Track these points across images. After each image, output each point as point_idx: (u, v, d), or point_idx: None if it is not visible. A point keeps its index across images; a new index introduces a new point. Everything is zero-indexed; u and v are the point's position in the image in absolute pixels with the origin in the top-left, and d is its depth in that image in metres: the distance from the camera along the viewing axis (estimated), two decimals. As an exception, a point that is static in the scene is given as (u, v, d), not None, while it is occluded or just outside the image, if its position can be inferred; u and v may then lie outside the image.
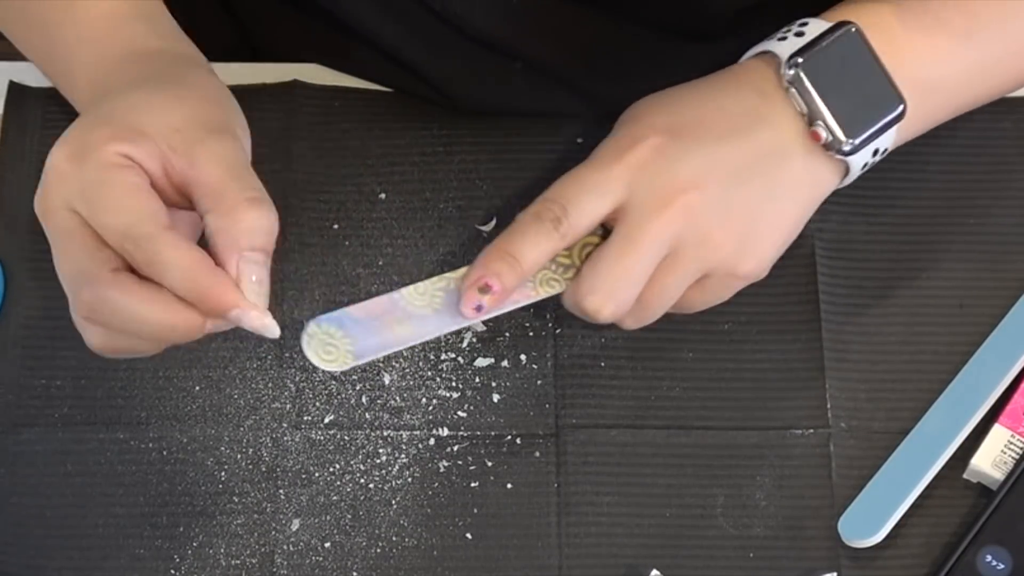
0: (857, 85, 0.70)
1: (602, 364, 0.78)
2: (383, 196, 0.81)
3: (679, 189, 0.68)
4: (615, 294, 0.68)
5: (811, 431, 0.76)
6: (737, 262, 0.70)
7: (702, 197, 0.68)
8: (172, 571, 0.74)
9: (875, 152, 0.72)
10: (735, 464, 0.76)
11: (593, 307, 0.68)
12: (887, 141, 0.72)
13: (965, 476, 0.75)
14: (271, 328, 0.63)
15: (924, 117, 0.74)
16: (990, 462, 0.74)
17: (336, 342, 0.67)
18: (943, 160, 0.82)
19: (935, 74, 0.73)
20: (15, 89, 0.83)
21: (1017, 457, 0.74)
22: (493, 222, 0.80)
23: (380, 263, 0.79)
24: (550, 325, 0.78)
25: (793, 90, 0.70)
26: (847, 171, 0.72)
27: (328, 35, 0.82)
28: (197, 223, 0.65)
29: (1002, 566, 0.72)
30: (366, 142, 0.82)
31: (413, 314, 0.68)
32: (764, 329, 0.78)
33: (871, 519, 0.73)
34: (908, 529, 0.74)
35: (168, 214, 0.63)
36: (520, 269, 0.68)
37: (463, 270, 0.69)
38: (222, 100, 0.69)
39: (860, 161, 0.71)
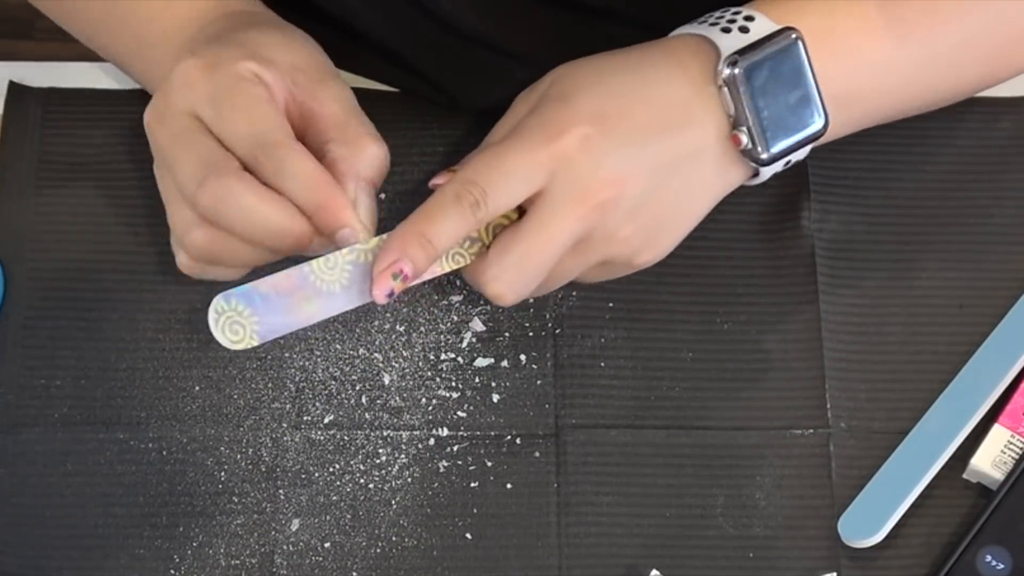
0: (787, 96, 0.69)
1: (602, 364, 0.78)
2: (383, 196, 0.81)
3: (599, 187, 0.67)
4: (519, 284, 0.68)
5: (811, 431, 0.76)
6: (636, 255, 0.70)
7: (618, 197, 0.67)
8: (172, 571, 0.74)
9: (787, 163, 0.71)
10: (735, 464, 0.76)
11: (496, 293, 0.68)
12: (801, 154, 0.71)
13: (965, 476, 0.75)
14: None
15: (842, 127, 0.73)
16: (990, 462, 0.74)
17: (243, 320, 0.65)
18: (943, 160, 0.82)
19: (864, 86, 0.72)
20: (15, 89, 0.83)
21: (1017, 457, 0.74)
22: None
23: (380, 263, 0.79)
24: (550, 325, 0.78)
25: (725, 90, 0.68)
26: (755, 175, 0.71)
27: (325, 34, 0.82)
28: None
29: (1002, 566, 0.72)
30: (366, 142, 0.82)
31: (321, 290, 0.66)
32: (764, 329, 0.78)
33: (871, 519, 0.73)
34: (908, 529, 0.74)
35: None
36: (434, 252, 0.67)
37: (374, 241, 0.67)
38: (324, 55, 0.71)
39: (771, 171, 0.71)
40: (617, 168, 0.67)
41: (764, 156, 0.69)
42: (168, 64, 0.69)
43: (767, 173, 0.71)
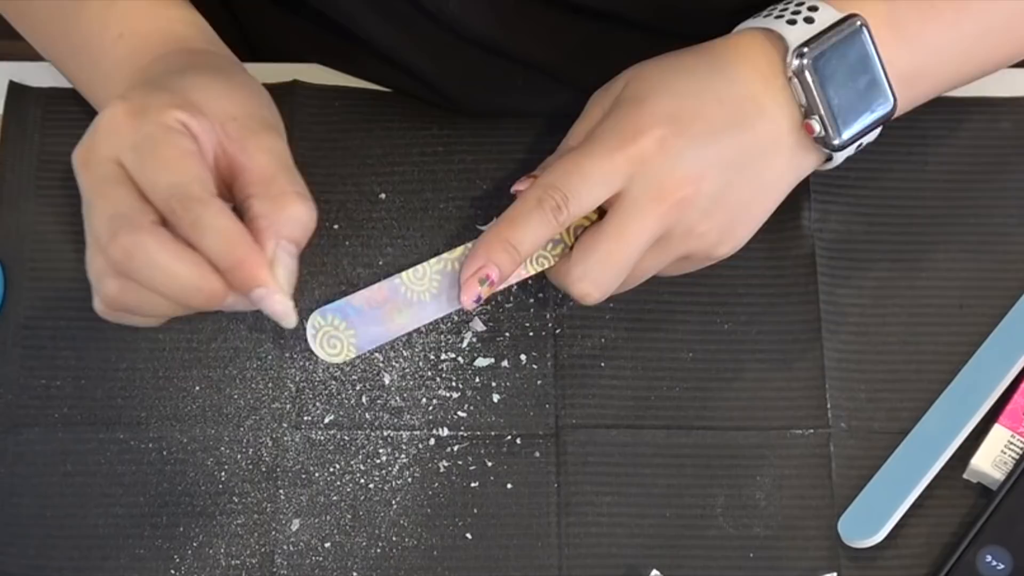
0: (856, 81, 0.71)
1: (602, 364, 0.78)
2: (383, 196, 0.81)
3: (676, 186, 0.68)
4: (604, 282, 0.70)
5: (811, 431, 0.76)
6: (715, 248, 0.72)
7: (696, 194, 0.69)
8: (172, 571, 0.74)
9: (859, 145, 0.73)
10: (735, 464, 0.76)
11: (582, 292, 0.70)
12: (872, 136, 0.73)
13: (965, 476, 0.75)
14: (290, 315, 0.64)
15: (907, 104, 0.74)
16: (990, 462, 0.74)
17: (340, 334, 0.68)
18: (943, 160, 0.82)
19: (925, 65, 0.74)
20: (15, 89, 0.83)
21: (1017, 457, 0.74)
22: (493, 222, 0.80)
23: (380, 263, 0.80)
24: (550, 325, 0.78)
25: (796, 81, 0.70)
26: (828, 160, 0.73)
27: (327, 38, 0.83)
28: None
29: (1002, 566, 0.72)
30: (366, 142, 0.82)
31: (412, 301, 0.69)
32: (764, 329, 0.78)
33: (871, 519, 0.73)
34: (908, 529, 0.74)
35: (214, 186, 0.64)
36: (519, 257, 0.69)
37: (460, 250, 0.70)
38: (268, 102, 0.70)
39: (844, 155, 0.72)
40: (693, 167, 0.69)
41: (837, 142, 0.71)
42: (118, 91, 0.68)
43: (840, 157, 0.72)
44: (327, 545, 0.74)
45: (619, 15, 0.77)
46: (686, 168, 0.69)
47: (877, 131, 0.73)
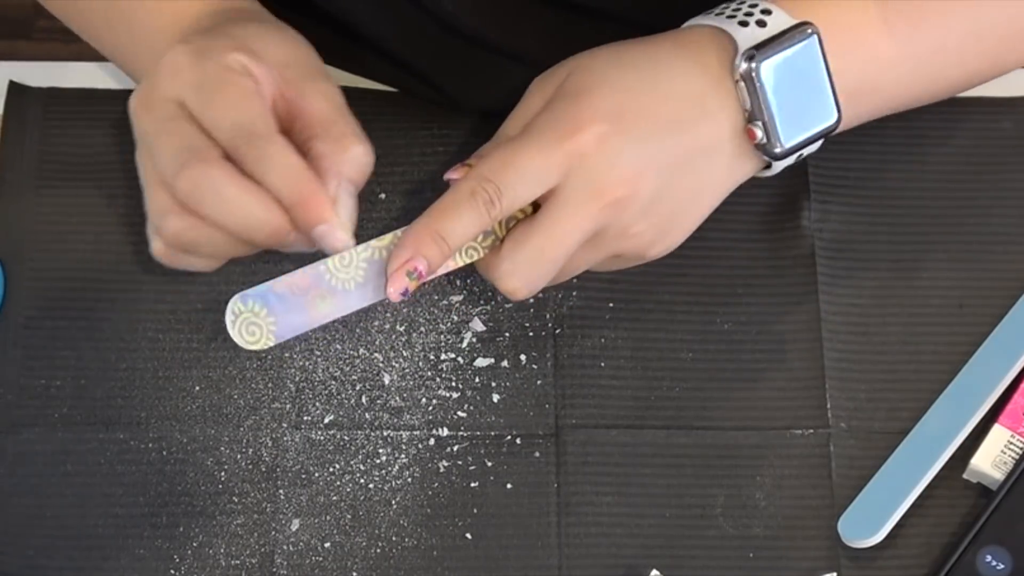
0: (801, 91, 0.69)
1: (602, 364, 0.78)
2: (383, 196, 0.81)
3: (613, 186, 0.67)
4: (533, 279, 0.68)
5: (811, 431, 0.76)
6: (648, 248, 0.71)
7: (633, 194, 0.68)
8: (172, 571, 0.74)
9: (799, 156, 0.71)
10: (735, 464, 0.76)
11: (510, 288, 0.69)
12: (813, 148, 0.72)
13: (965, 476, 0.75)
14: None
15: (852, 119, 0.73)
16: (990, 462, 0.74)
17: (260, 321, 0.65)
18: (943, 160, 0.82)
19: (874, 79, 0.72)
20: (15, 89, 0.83)
21: (1017, 457, 0.74)
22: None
23: (380, 263, 0.79)
24: (550, 325, 0.78)
25: (742, 84, 0.69)
26: (767, 168, 0.72)
27: (324, 33, 0.82)
28: None
29: (1002, 566, 0.72)
30: (366, 142, 0.82)
31: (336, 288, 0.67)
32: (764, 329, 0.78)
33: (871, 519, 0.73)
34: (908, 529, 0.74)
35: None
36: (448, 250, 0.67)
37: (388, 237, 0.68)
38: (315, 53, 0.70)
39: (783, 164, 0.71)
40: (631, 167, 0.67)
41: (778, 150, 0.70)
42: (161, 56, 0.69)
43: (779, 166, 0.71)
44: (327, 545, 0.74)
45: (614, 13, 0.77)
46: (624, 168, 0.67)
47: (819, 143, 0.71)
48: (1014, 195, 0.81)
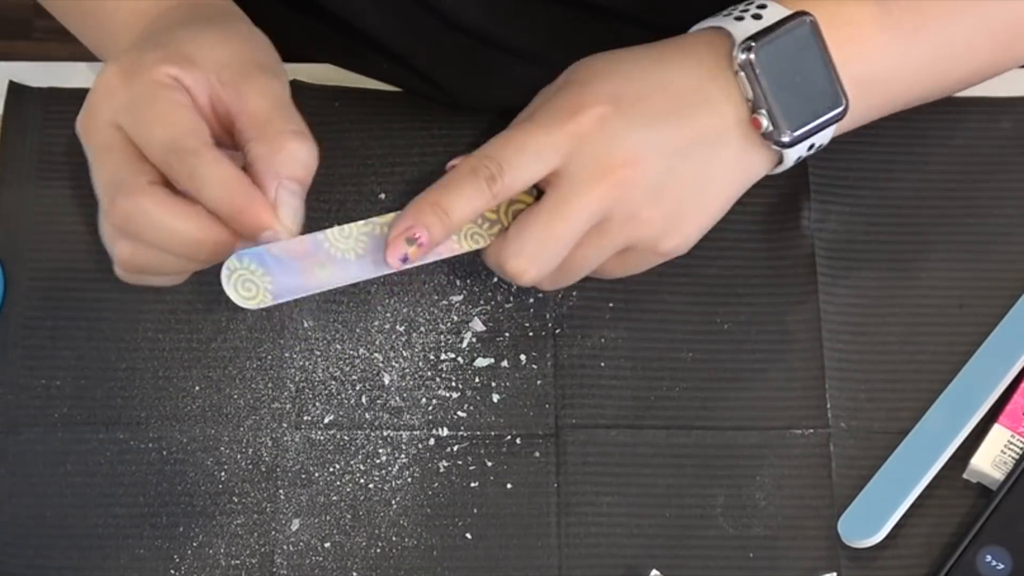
0: (804, 78, 0.70)
1: (602, 364, 0.78)
2: (383, 196, 0.81)
3: (616, 164, 0.67)
4: (539, 260, 0.68)
5: (811, 431, 0.76)
6: (660, 239, 0.70)
7: (636, 175, 0.68)
8: (172, 571, 0.74)
9: (811, 147, 0.72)
10: (735, 464, 0.76)
11: (516, 270, 0.68)
12: (824, 138, 0.72)
13: (965, 476, 0.75)
14: None
15: (863, 113, 0.73)
16: (990, 462, 0.74)
17: (256, 279, 0.65)
18: (943, 160, 0.82)
19: (880, 73, 0.73)
20: (15, 89, 0.83)
21: (1017, 457, 0.74)
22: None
23: (380, 263, 0.80)
24: (550, 325, 0.78)
25: (742, 74, 0.69)
26: (780, 161, 0.72)
27: (324, 30, 0.83)
28: (235, 161, 0.66)
29: (1002, 566, 0.72)
30: (366, 142, 0.82)
31: (335, 257, 0.67)
32: (764, 329, 0.78)
33: (871, 519, 0.73)
34: (908, 529, 0.74)
35: (209, 134, 0.64)
36: (449, 223, 0.67)
37: (391, 216, 0.68)
38: (265, 46, 0.70)
39: (795, 154, 0.71)
40: (632, 147, 0.68)
41: (786, 138, 0.70)
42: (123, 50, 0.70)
43: (791, 157, 0.71)
44: (327, 545, 0.74)
45: (616, 8, 0.77)
46: (626, 148, 0.68)
47: (830, 133, 0.72)
48: (1014, 195, 0.81)
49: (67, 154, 0.82)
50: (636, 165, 0.68)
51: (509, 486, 0.75)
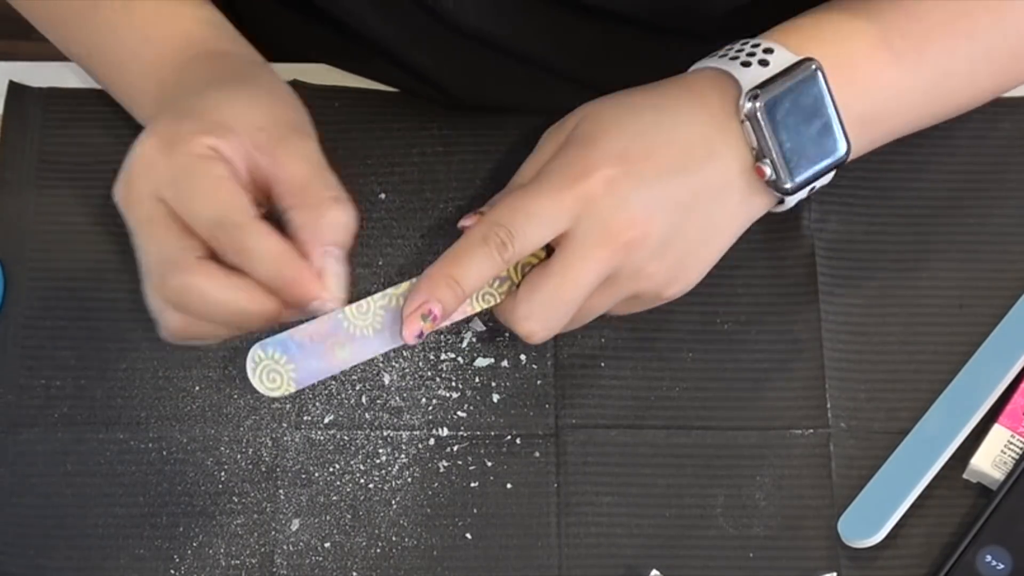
0: (808, 125, 0.70)
1: (602, 364, 0.78)
2: (383, 196, 0.81)
3: (623, 227, 0.68)
4: (549, 322, 0.69)
5: (811, 431, 0.76)
6: (664, 288, 0.71)
7: (644, 235, 0.68)
8: (172, 571, 0.74)
9: (811, 189, 0.72)
10: (735, 464, 0.76)
11: (527, 331, 0.69)
12: (826, 180, 0.72)
13: (965, 476, 0.75)
14: None
15: (864, 147, 0.74)
16: (990, 462, 0.74)
17: (280, 368, 0.67)
18: (942, 160, 0.82)
19: (882, 110, 0.73)
20: (15, 89, 0.83)
21: (1017, 457, 0.74)
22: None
23: (380, 263, 0.80)
24: (550, 325, 0.78)
25: (748, 124, 0.69)
26: (780, 203, 0.73)
27: (326, 33, 0.83)
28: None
29: (1002, 566, 0.72)
30: (366, 142, 0.82)
31: (355, 336, 0.68)
32: (764, 329, 0.78)
33: (871, 519, 0.73)
34: (908, 529, 0.74)
35: (253, 206, 0.64)
36: (462, 294, 0.68)
37: (405, 285, 0.69)
38: (294, 102, 0.70)
39: (795, 199, 0.72)
40: (641, 208, 0.68)
41: (788, 186, 0.70)
42: (147, 103, 0.71)
43: (792, 201, 0.72)
44: (327, 545, 0.74)
45: (617, 12, 0.77)
46: (634, 210, 0.68)
47: (830, 175, 0.72)
48: (1014, 195, 0.81)
49: (67, 154, 0.82)
50: (642, 226, 0.68)
51: (509, 486, 0.75)
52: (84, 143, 0.82)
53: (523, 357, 0.78)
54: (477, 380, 0.77)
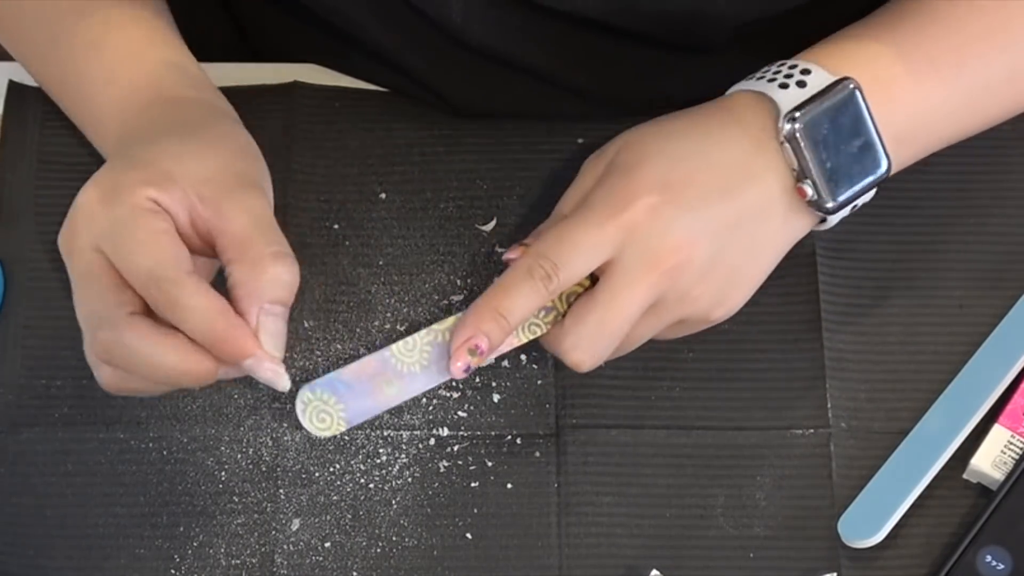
0: (849, 144, 0.70)
1: (602, 364, 0.77)
2: (383, 196, 0.81)
3: (668, 253, 0.68)
4: (596, 351, 0.70)
5: (811, 431, 0.76)
6: (710, 312, 0.71)
7: (688, 260, 0.69)
8: (172, 571, 0.74)
9: (854, 207, 0.72)
10: (735, 464, 0.76)
11: (575, 361, 0.70)
12: (868, 196, 0.73)
13: (965, 476, 0.75)
14: (282, 380, 0.64)
15: (903, 162, 0.74)
16: (990, 462, 0.74)
17: (330, 409, 0.68)
18: (943, 161, 0.82)
19: (920, 127, 0.73)
20: (15, 89, 0.83)
21: (1017, 457, 0.74)
22: (493, 222, 0.80)
23: (380, 263, 0.80)
24: (550, 325, 0.78)
25: (787, 146, 0.69)
26: (822, 222, 0.73)
27: (329, 42, 0.82)
28: (214, 268, 0.67)
29: (1002, 566, 0.72)
30: (366, 142, 0.82)
31: (403, 373, 0.69)
32: (764, 329, 0.78)
33: (871, 519, 0.73)
34: (908, 529, 0.74)
35: (191, 260, 0.64)
36: (508, 327, 0.68)
37: (451, 320, 0.69)
38: (251, 153, 0.70)
39: (838, 217, 0.72)
40: (684, 233, 0.68)
41: (830, 205, 0.71)
42: (109, 142, 0.71)
43: (835, 219, 0.72)
44: (327, 545, 0.74)
45: (621, 26, 0.77)
46: (677, 236, 0.68)
47: (872, 192, 0.72)
48: (1014, 195, 0.81)
49: (67, 154, 0.81)
50: (686, 251, 0.68)
51: (509, 486, 0.75)
52: (84, 143, 0.81)
53: (523, 357, 0.78)
54: (477, 380, 0.77)
